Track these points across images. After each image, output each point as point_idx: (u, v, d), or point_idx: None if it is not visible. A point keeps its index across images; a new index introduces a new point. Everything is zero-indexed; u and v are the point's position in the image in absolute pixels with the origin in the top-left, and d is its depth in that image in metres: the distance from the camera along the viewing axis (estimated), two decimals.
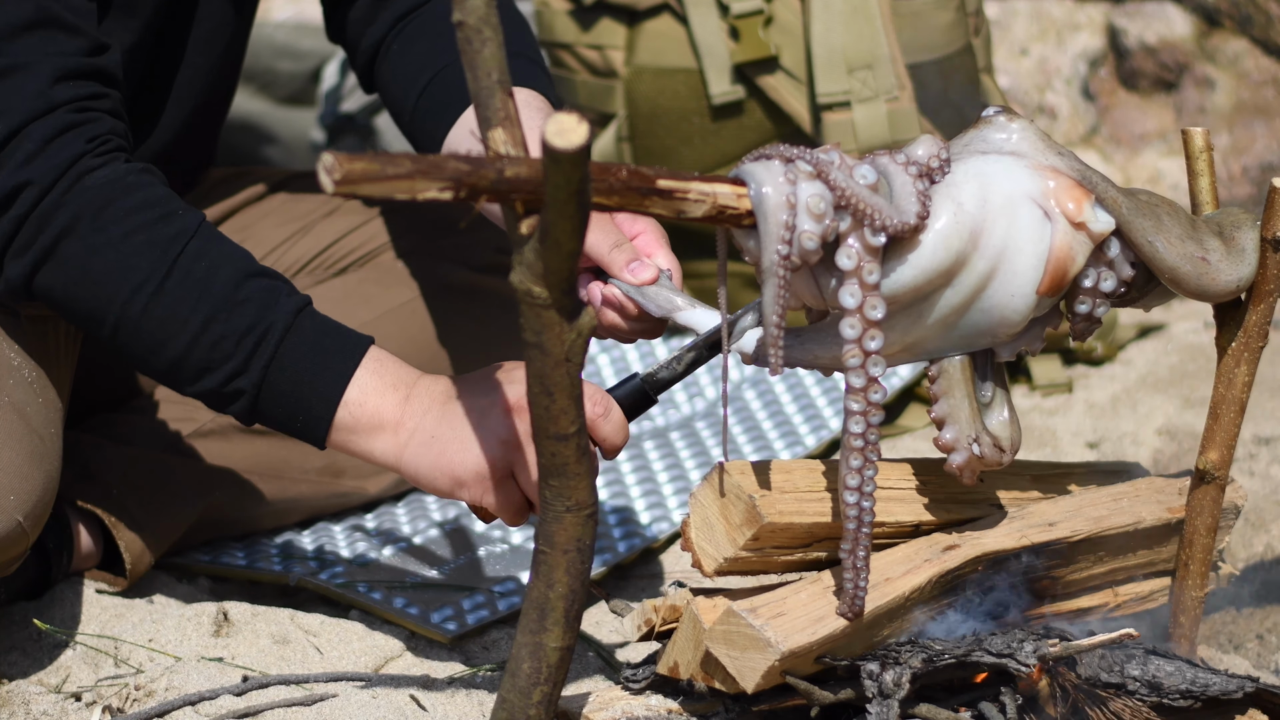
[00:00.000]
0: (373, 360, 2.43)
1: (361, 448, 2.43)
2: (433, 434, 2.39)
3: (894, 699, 2.24)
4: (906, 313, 2.23)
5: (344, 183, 1.98)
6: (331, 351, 2.42)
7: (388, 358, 2.45)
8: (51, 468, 2.62)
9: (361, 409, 2.41)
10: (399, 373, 2.44)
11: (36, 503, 2.58)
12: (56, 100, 2.44)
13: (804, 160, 2.17)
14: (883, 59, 3.42)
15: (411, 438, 2.40)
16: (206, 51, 2.80)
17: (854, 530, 2.21)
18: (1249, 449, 3.22)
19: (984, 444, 2.29)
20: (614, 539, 3.00)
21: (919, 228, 2.19)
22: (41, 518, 2.61)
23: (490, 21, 2.04)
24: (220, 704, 2.55)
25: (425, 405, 2.41)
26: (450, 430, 2.39)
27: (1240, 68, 4.23)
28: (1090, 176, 2.26)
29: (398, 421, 2.41)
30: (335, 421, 2.41)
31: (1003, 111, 2.29)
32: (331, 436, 2.43)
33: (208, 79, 2.81)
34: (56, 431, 2.66)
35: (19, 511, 2.56)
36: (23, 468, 2.57)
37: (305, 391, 2.41)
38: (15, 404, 2.60)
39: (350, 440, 2.43)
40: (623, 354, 3.62)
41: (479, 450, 2.37)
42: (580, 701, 2.34)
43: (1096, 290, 2.28)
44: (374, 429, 2.42)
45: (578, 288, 2.09)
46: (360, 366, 2.42)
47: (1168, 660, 2.34)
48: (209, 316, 2.40)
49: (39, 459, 2.60)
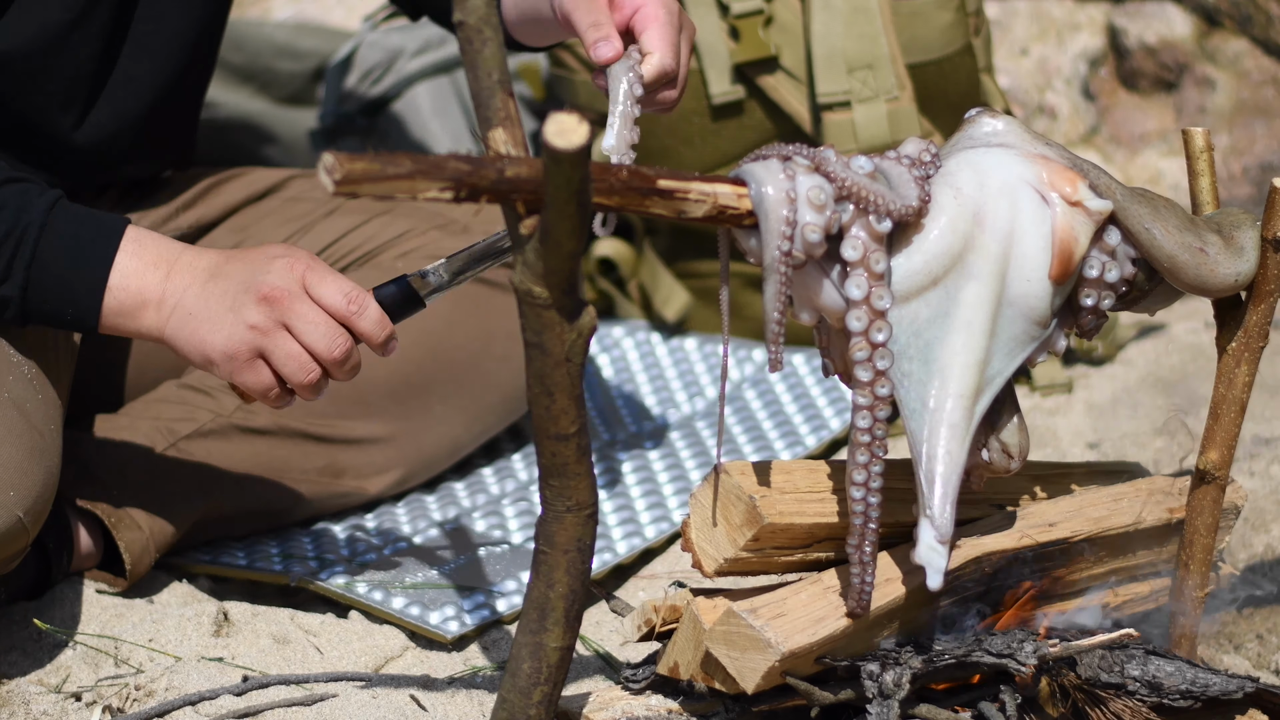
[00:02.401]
0: (131, 242, 2.53)
1: (130, 328, 2.54)
2: (190, 310, 2.51)
3: (894, 699, 2.24)
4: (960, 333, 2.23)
5: (344, 183, 1.98)
6: (88, 241, 2.52)
7: (146, 235, 2.55)
8: (52, 464, 2.62)
9: (125, 292, 2.52)
10: (159, 249, 2.54)
11: (37, 499, 2.58)
12: None
13: (801, 156, 2.18)
14: (883, 59, 3.42)
15: (173, 314, 2.52)
16: (184, 13, 2.79)
17: (860, 525, 2.22)
18: (1249, 449, 3.22)
19: (993, 450, 2.30)
20: (614, 539, 3.00)
21: (922, 211, 2.20)
22: (42, 514, 2.60)
23: (490, 21, 2.04)
24: (220, 704, 2.55)
25: (187, 281, 2.52)
26: (205, 309, 2.51)
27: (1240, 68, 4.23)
28: (1081, 164, 2.29)
29: (160, 298, 2.53)
30: (103, 308, 2.52)
31: (984, 110, 2.31)
32: (102, 322, 2.53)
33: (187, 40, 2.81)
34: (56, 428, 2.66)
35: (19, 507, 2.56)
36: (23, 463, 2.57)
37: (70, 284, 2.51)
38: (15, 400, 2.60)
39: (119, 323, 2.54)
40: (622, 354, 3.62)
41: (227, 332, 2.49)
42: (580, 701, 2.34)
43: (1102, 281, 2.29)
44: (138, 308, 2.53)
45: (579, 286, 2.09)
46: (120, 250, 2.52)
47: (1168, 660, 2.34)
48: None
49: (39, 455, 2.60)
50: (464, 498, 3.14)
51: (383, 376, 2.98)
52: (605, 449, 3.27)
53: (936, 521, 2.21)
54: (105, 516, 2.84)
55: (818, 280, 2.20)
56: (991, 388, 2.26)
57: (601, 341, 3.63)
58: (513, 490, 3.15)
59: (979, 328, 2.23)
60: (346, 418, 2.98)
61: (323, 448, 2.98)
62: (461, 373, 3.04)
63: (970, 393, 2.23)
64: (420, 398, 3.02)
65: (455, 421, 3.07)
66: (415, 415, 3.03)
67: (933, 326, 2.23)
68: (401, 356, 2.91)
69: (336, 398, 2.95)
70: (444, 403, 3.04)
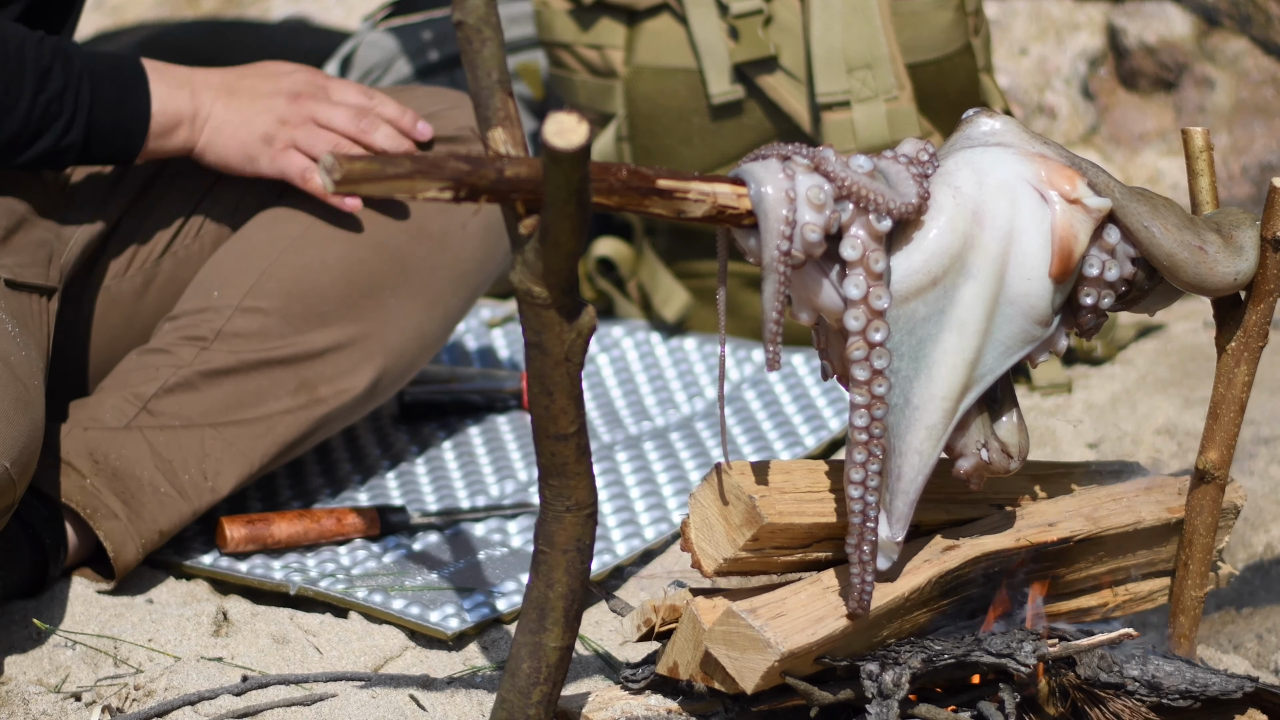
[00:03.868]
0: (152, 71, 2.82)
1: (165, 148, 2.85)
2: (222, 119, 2.85)
3: (893, 699, 2.24)
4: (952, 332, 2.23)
5: (344, 183, 1.98)
6: (127, 76, 2.80)
7: (157, 63, 2.83)
8: (36, 416, 2.59)
9: (164, 115, 2.82)
10: (175, 72, 2.84)
11: (23, 450, 2.55)
12: None
13: (800, 155, 2.18)
14: (882, 59, 3.42)
15: (205, 126, 2.85)
16: None
17: (859, 525, 2.22)
18: (1249, 449, 3.22)
19: (992, 450, 2.30)
20: (613, 540, 3.00)
21: (921, 208, 2.20)
22: (29, 466, 2.57)
23: (490, 21, 2.04)
24: (220, 704, 2.55)
25: (211, 96, 2.85)
26: (235, 115, 2.86)
27: (1240, 67, 4.23)
28: (1079, 162, 2.29)
29: (193, 114, 2.84)
30: (149, 133, 2.82)
31: (981, 110, 2.31)
32: (146, 147, 2.83)
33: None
34: (40, 384, 2.64)
35: (5, 457, 2.52)
36: (8, 413, 2.55)
37: (122, 120, 2.79)
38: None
39: (158, 145, 2.84)
40: (622, 354, 3.62)
41: (262, 128, 2.86)
42: (580, 701, 2.34)
43: (1101, 280, 2.29)
44: (174, 128, 2.84)
45: (578, 286, 2.09)
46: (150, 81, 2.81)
47: (1167, 660, 2.34)
48: (35, 90, 2.71)
49: (24, 406, 2.57)
50: (464, 498, 3.14)
51: (328, 283, 2.93)
52: (605, 449, 3.27)
53: (894, 518, 2.23)
54: (80, 508, 2.79)
55: (817, 280, 2.20)
56: (980, 385, 2.26)
57: (601, 341, 3.63)
58: (513, 490, 3.15)
59: (972, 327, 2.23)
60: (304, 333, 2.93)
61: (289, 369, 2.93)
62: (405, 260, 2.99)
63: (954, 394, 2.24)
64: (371, 295, 2.97)
65: (413, 309, 3.01)
66: (371, 313, 2.98)
67: (927, 324, 2.23)
68: (343, 259, 2.93)
69: (289, 317, 2.93)
70: (395, 294, 2.98)
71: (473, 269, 3.07)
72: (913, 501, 2.25)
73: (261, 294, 2.94)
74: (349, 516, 2.98)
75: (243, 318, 2.93)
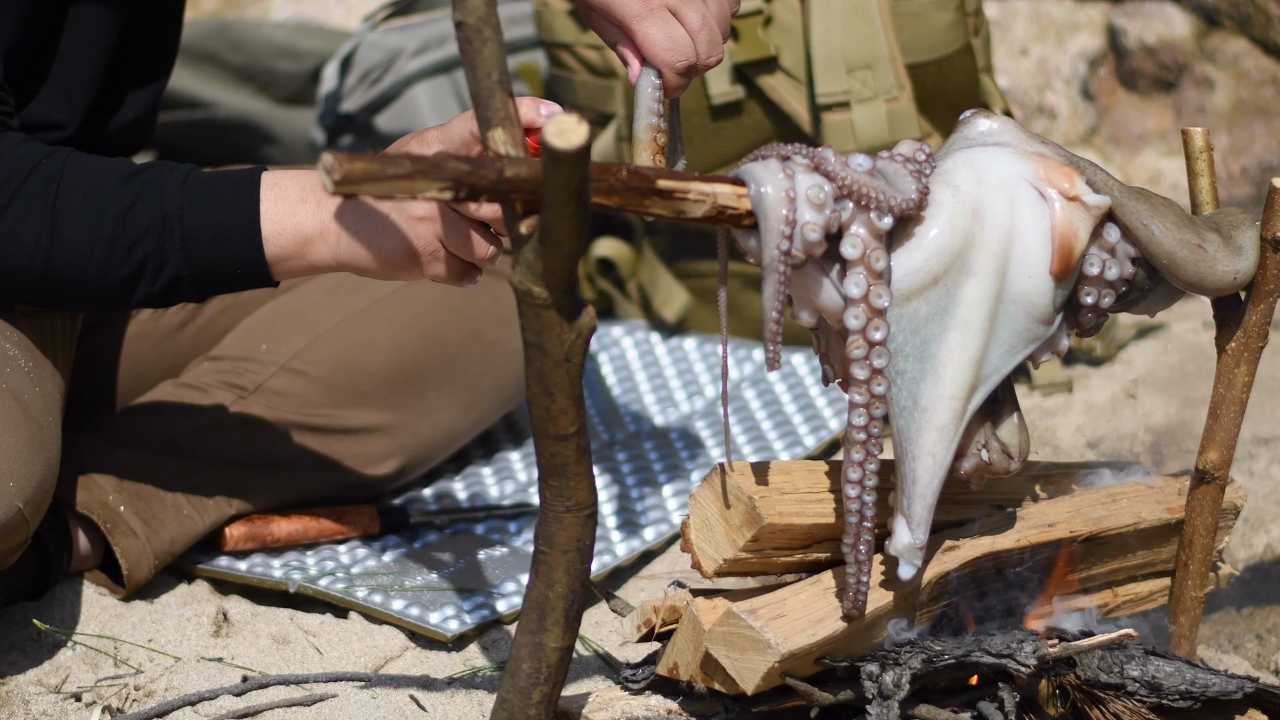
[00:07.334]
0: (269, 188, 2.49)
1: (304, 266, 2.50)
2: (356, 229, 2.45)
3: (894, 700, 2.24)
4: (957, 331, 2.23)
5: (344, 183, 1.98)
6: (229, 202, 2.48)
7: (280, 174, 2.50)
8: (51, 455, 2.61)
9: (282, 236, 2.48)
10: (299, 183, 2.49)
11: (36, 489, 2.57)
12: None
13: (800, 155, 2.18)
14: (882, 59, 3.42)
15: (340, 239, 2.46)
16: None
17: (855, 525, 2.22)
18: (1249, 449, 3.22)
19: (993, 451, 2.30)
20: (613, 541, 3.00)
21: (922, 204, 2.20)
22: (42, 505, 2.59)
23: (490, 21, 2.04)
24: (220, 704, 2.55)
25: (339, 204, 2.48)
26: (370, 222, 2.45)
27: (1240, 68, 4.23)
28: (1077, 161, 2.29)
29: (321, 230, 2.48)
30: (269, 259, 2.47)
31: (979, 111, 2.32)
32: (275, 271, 2.49)
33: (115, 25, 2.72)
34: (55, 420, 2.65)
35: (19, 498, 2.55)
36: (21, 453, 2.56)
37: (229, 250, 2.48)
38: (12, 391, 2.59)
39: (293, 265, 2.49)
40: (621, 353, 3.62)
41: (401, 234, 2.43)
42: (580, 701, 2.34)
43: (1102, 279, 2.29)
44: (303, 247, 2.48)
45: (578, 287, 2.09)
46: (261, 200, 2.47)
47: (1167, 661, 2.34)
48: (110, 238, 2.47)
49: (38, 445, 2.59)
50: (464, 499, 3.14)
51: (377, 365, 2.98)
52: (605, 449, 3.27)
53: (914, 523, 2.23)
54: (101, 522, 2.82)
55: (817, 280, 2.20)
56: (986, 385, 2.26)
57: (601, 341, 3.63)
58: (512, 491, 3.15)
59: (976, 326, 2.23)
60: (342, 407, 2.97)
61: (320, 438, 2.97)
62: (455, 360, 3.04)
63: (963, 394, 2.23)
64: (415, 385, 3.02)
65: (450, 409, 3.06)
66: (410, 403, 3.02)
67: (930, 324, 2.23)
68: (396, 344, 2.90)
69: (332, 388, 2.96)
70: (438, 390, 3.04)
71: (514, 382, 3.13)
72: (931, 505, 2.24)
73: (310, 359, 2.97)
74: (348, 515, 2.99)
75: (285, 377, 2.96)
